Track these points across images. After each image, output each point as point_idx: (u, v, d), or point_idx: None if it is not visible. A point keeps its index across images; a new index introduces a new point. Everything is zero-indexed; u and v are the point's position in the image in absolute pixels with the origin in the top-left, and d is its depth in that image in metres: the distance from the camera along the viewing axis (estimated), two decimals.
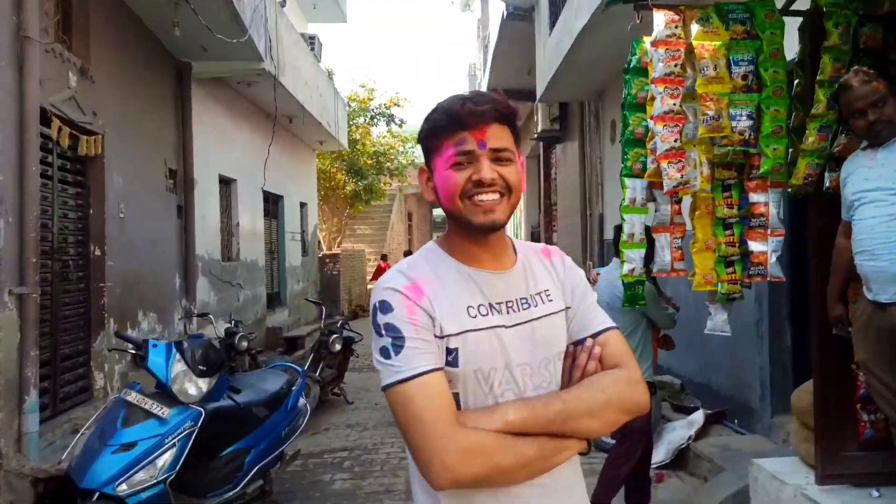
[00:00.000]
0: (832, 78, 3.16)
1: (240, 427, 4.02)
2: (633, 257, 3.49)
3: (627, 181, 3.49)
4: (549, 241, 14.97)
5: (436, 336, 1.25)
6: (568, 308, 1.39)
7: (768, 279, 3.44)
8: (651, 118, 3.32)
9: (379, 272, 19.86)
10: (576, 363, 1.34)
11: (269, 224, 11.93)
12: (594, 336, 1.37)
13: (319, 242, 17.53)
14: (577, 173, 10.58)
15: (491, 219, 1.28)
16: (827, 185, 3.22)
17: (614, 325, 1.41)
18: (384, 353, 1.24)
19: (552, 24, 8.57)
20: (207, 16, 6.48)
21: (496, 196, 1.28)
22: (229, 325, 6.53)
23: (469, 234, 1.32)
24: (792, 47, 3.38)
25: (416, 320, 1.24)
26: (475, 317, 1.29)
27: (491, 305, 1.32)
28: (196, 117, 8.10)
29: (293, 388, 4.70)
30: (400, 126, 19.92)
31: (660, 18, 3.25)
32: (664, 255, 3.54)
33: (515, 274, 1.37)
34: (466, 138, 1.27)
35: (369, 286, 19.88)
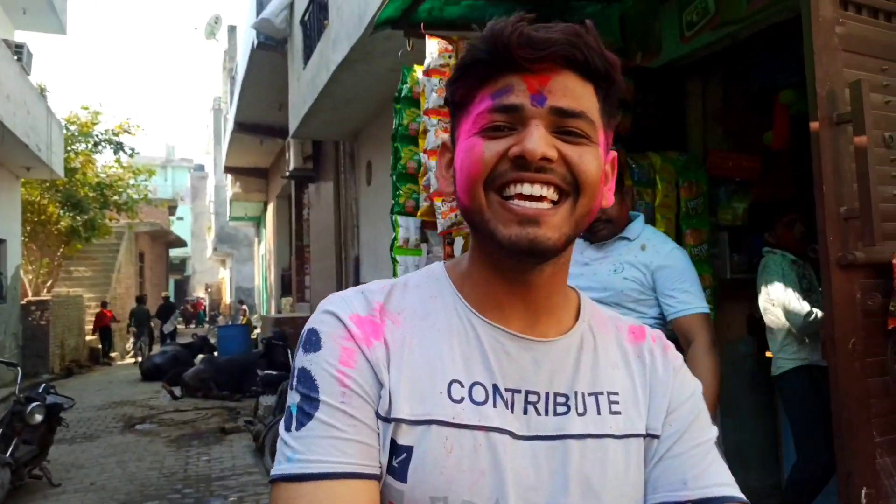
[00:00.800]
0: None
1: None
2: (408, 263, 3.19)
3: (400, 219, 3.21)
4: (301, 286, 14.38)
5: (377, 414, 0.72)
6: (653, 437, 0.78)
7: None
8: (424, 152, 3.09)
9: (99, 321, 17.22)
10: None
11: None
12: None
13: (24, 286, 14.70)
14: (332, 214, 10.26)
15: (530, 235, 0.70)
16: None
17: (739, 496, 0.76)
18: (286, 420, 0.73)
19: (307, 56, 8.23)
20: None
21: (548, 193, 0.71)
22: None
23: (495, 261, 0.76)
24: None
25: (348, 376, 0.72)
26: (460, 401, 0.73)
27: (497, 389, 0.74)
28: None
29: None
30: (131, 156, 17.82)
31: (433, 47, 3.07)
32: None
33: (562, 349, 0.78)
34: (513, 85, 0.72)
35: (89, 338, 17.19)
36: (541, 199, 0.71)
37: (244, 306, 25.29)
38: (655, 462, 0.77)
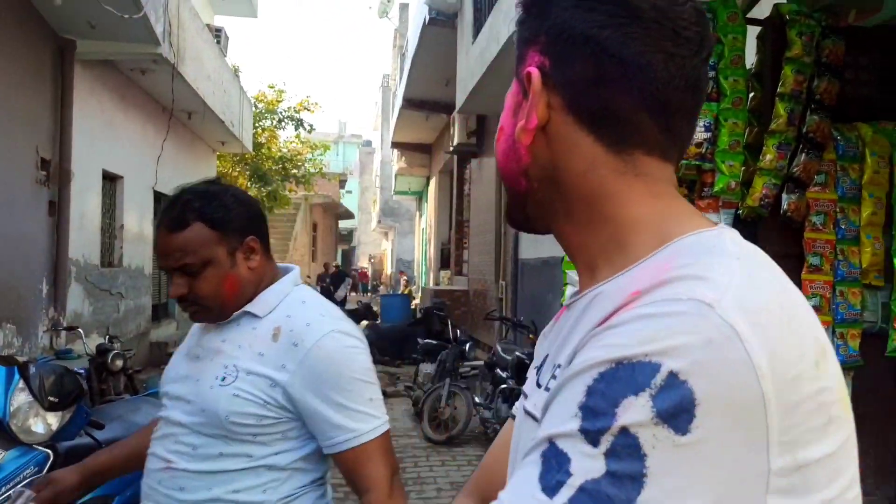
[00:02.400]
0: (794, 91, 2.93)
1: None
2: (577, 279, 3.10)
3: None
4: (459, 260, 14.69)
5: None
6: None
7: None
8: None
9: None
10: None
11: None
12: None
13: None
14: (493, 190, 10.31)
15: None
16: (784, 207, 2.97)
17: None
18: None
19: (476, 30, 8.27)
20: None
21: None
22: (103, 340, 5.69)
23: None
24: (749, 57, 3.13)
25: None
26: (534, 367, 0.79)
27: (538, 357, 0.77)
28: (78, 103, 7.17)
29: None
30: (309, 132, 19.12)
31: None
32: None
33: (572, 312, 0.68)
34: None
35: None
36: None
37: (405, 277, 26.36)
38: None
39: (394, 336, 11.22)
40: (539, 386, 0.69)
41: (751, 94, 3.08)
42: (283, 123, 18.31)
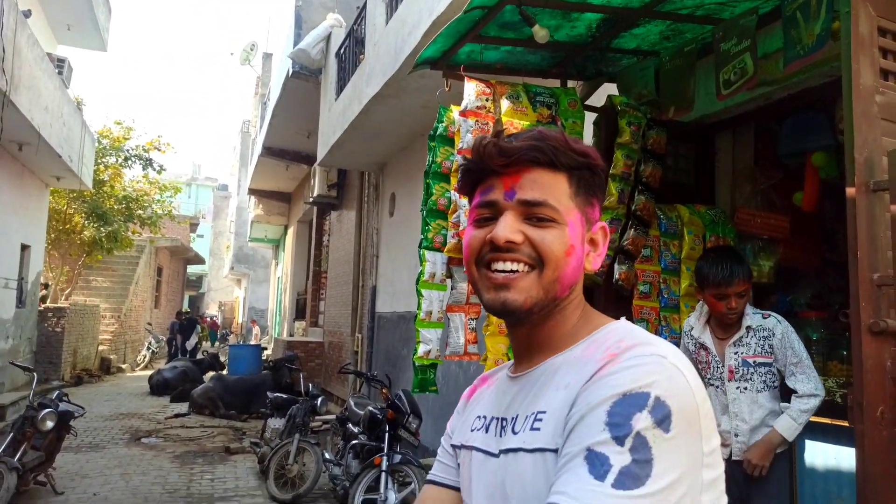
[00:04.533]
0: (624, 173, 3.27)
1: None
2: (430, 338, 3.20)
3: (428, 254, 3.24)
4: (315, 311, 14.41)
5: (452, 444, 1.07)
6: (554, 452, 0.82)
7: None
8: (455, 190, 3.13)
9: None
10: None
11: None
12: None
13: (45, 293, 14.87)
14: (353, 243, 10.34)
15: (501, 298, 0.91)
16: (616, 276, 3.28)
17: None
18: None
19: (340, 88, 8.40)
20: None
21: (517, 267, 0.90)
22: None
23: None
24: (587, 140, 3.47)
25: (452, 423, 1.11)
26: (474, 430, 1.00)
27: (486, 417, 1.00)
28: None
29: None
30: (159, 172, 18.12)
31: (471, 89, 3.13)
32: (458, 337, 3.30)
33: (531, 380, 0.94)
34: (493, 185, 0.93)
35: (101, 347, 17.29)
36: (509, 272, 0.90)
37: (257, 326, 25.32)
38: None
39: (241, 389, 10.69)
40: (515, 432, 0.90)
41: None
42: (129, 162, 17.23)
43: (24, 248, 12.30)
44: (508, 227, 0.89)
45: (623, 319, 0.95)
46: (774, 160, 3.83)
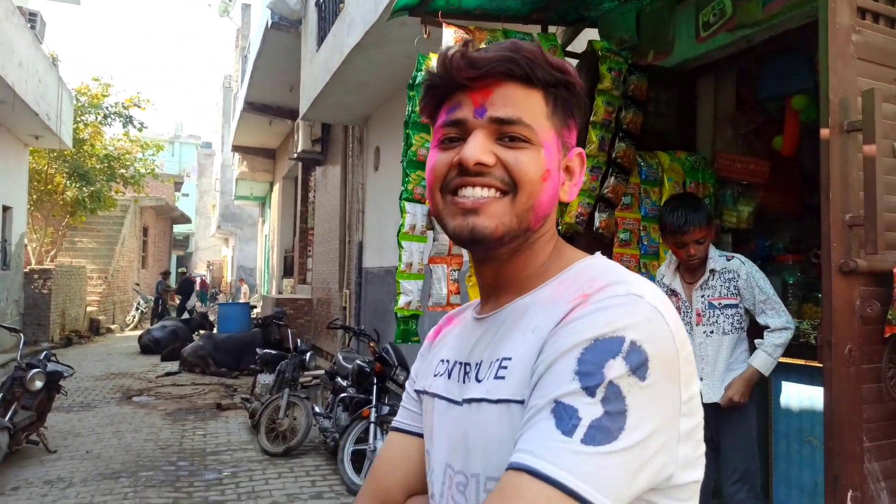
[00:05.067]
0: (604, 120, 3.25)
1: None
2: (411, 289, 3.21)
3: (408, 206, 3.22)
4: (303, 268, 14.41)
5: (415, 389, 1.01)
6: (520, 403, 0.75)
7: None
8: (419, 112, 3.11)
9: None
10: None
11: None
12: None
13: (27, 254, 14.76)
14: (338, 198, 10.27)
15: (469, 225, 0.81)
16: (597, 224, 3.28)
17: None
18: None
19: (321, 39, 8.22)
20: None
21: (486, 192, 0.81)
22: None
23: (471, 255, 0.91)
24: None
25: (415, 367, 1.04)
26: (437, 375, 0.94)
27: (449, 362, 0.93)
28: None
29: None
30: (140, 130, 17.81)
31: (449, 35, 3.07)
32: (440, 288, 3.32)
33: (494, 320, 0.87)
34: (461, 102, 0.83)
35: (90, 308, 17.28)
36: (478, 197, 0.81)
37: (245, 285, 25.33)
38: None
39: (231, 346, 10.75)
40: (478, 380, 0.83)
41: None
42: (109, 119, 16.91)
43: (6, 209, 12.15)
44: (479, 148, 0.80)
45: (598, 254, 0.85)
46: (756, 104, 3.82)
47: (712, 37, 2.91)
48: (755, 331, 2.84)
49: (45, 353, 6.79)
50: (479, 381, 0.82)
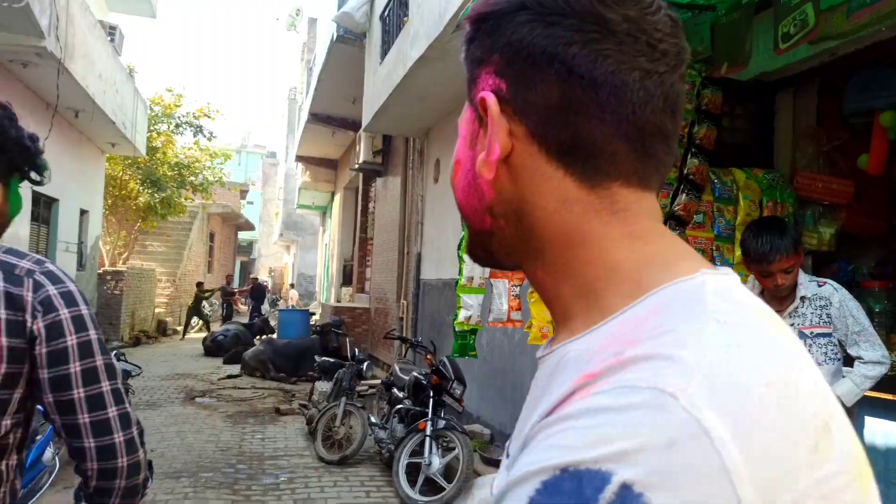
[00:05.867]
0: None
1: None
2: (471, 303, 3.17)
3: (465, 256, 3.17)
4: (361, 277, 14.58)
5: None
6: None
7: None
8: None
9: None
10: None
11: (36, 230, 10.19)
12: None
13: (101, 256, 15.45)
14: (398, 210, 10.34)
15: None
16: None
17: None
18: None
19: (384, 51, 8.31)
20: None
21: None
22: None
23: None
24: None
25: None
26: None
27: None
28: None
29: (37, 437, 3.77)
30: (209, 139, 18.45)
31: None
32: (501, 303, 3.26)
33: (544, 368, 0.58)
34: None
35: (158, 310, 17.93)
36: None
37: (293, 290, 25.84)
38: None
39: (290, 352, 10.94)
40: (507, 455, 0.58)
41: None
42: (180, 129, 17.58)
43: (83, 213, 12.74)
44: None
45: (706, 272, 0.51)
46: (839, 120, 3.62)
47: (792, 49, 2.77)
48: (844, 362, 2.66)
49: (115, 352, 7.05)
50: (507, 455, 0.60)
